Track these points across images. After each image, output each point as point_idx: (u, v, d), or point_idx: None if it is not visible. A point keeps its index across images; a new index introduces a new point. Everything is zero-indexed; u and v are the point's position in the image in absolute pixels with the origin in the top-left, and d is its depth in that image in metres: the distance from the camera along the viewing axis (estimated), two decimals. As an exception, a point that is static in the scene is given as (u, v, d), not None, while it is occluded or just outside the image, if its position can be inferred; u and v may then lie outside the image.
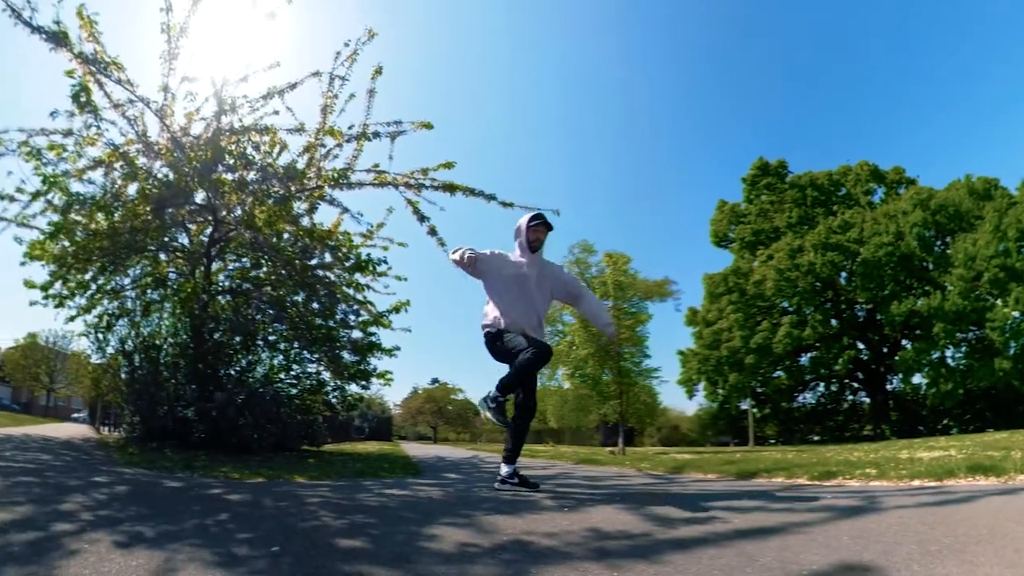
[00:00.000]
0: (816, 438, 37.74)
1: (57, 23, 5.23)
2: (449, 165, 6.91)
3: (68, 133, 6.46)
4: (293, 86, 6.81)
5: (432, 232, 7.00)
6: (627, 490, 4.15)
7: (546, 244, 4.20)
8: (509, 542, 2.09)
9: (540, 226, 4.11)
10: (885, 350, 36.97)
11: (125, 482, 3.72)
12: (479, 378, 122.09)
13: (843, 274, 35.82)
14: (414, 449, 16.08)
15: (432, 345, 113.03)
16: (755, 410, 38.49)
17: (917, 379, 34.28)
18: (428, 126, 6.88)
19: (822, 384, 39.89)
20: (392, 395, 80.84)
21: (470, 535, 2.23)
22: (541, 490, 3.83)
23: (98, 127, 6.36)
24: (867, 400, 38.35)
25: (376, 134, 6.79)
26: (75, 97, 5.79)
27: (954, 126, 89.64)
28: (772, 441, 39.36)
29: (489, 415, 4.01)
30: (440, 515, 2.73)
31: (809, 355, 37.20)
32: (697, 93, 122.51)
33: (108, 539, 1.96)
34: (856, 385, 39.25)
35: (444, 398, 60.54)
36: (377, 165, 6.93)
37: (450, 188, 6.78)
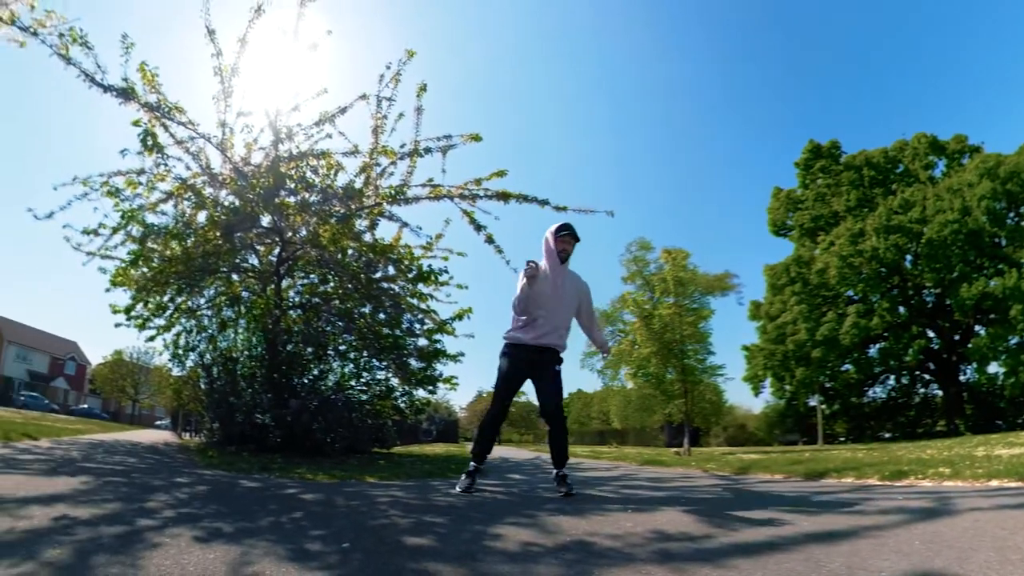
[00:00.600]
0: (887, 435, 34.78)
1: (125, 80, 5.59)
2: (501, 174, 6.90)
3: (140, 172, 6.95)
4: (343, 110, 6.95)
5: (489, 240, 6.99)
6: (692, 492, 4.02)
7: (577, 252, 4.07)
8: (572, 542, 2.05)
9: (567, 237, 3.99)
10: (957, 337, 33.58)
11: (205, 482, 3.86)
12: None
13: (908, 257, 32.73)
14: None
15: (495, 350, 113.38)
16: (823, 406, 36.12)
17: (993, 368, 30.85)
18: (477, 138, 6.90)
19: (892, 377, 36.93)
20: (458, 399, 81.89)
21: (534, 535, 2.20)
22: (603, 491, 3.77)
23: (166, 164, 6.77)
24: (939, 393, 35.18)
25: (427, 150, 6.86)
26: (143, 142, 6.20)
27: (1019, 82, 74.81)
28: (841, 439, 36.74)
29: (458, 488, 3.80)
30: (504, 515, 2.71)
31: (878, 346, 34.32)
32: (740, 80, 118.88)
33: (188, 534, 2.03)
34: (928, 377, 36.12)
35: (507, 400, 60.73)
36: (431, 179, 6.99)
37: (503, 196, 6.75)
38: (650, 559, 1.80)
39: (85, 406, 50.31)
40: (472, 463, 3.97)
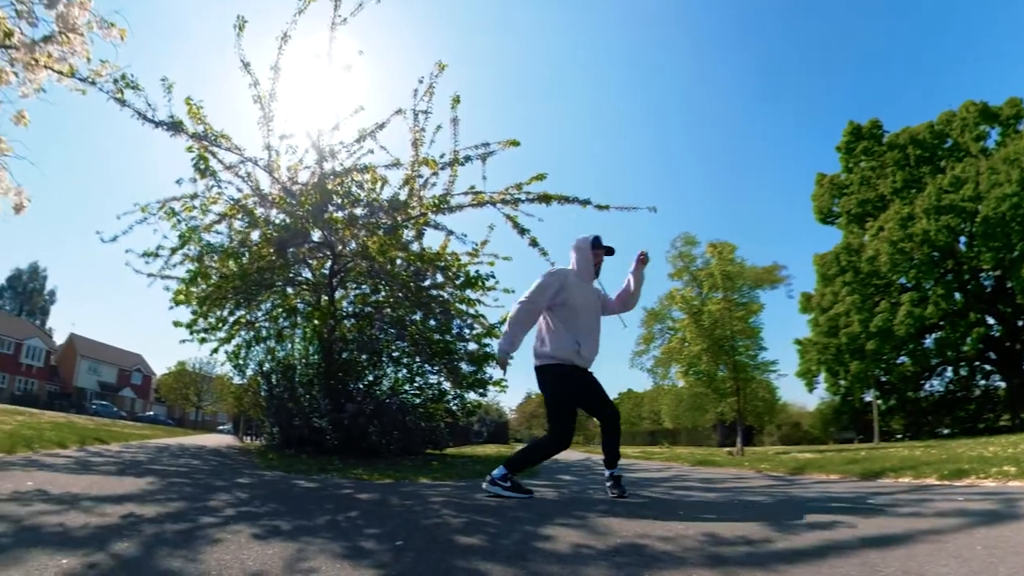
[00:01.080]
0: (946, 431, 32.15)
1: (171, 117, 5.91)
2: (541, 177, 6.88)
3: (194, 196, 7.30)
4: (381, 126, 7.06)
5: (533, 243, 6.96)
6: (745, 493, 3.87)
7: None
8: (623, 545, 1.99)
9: (603, 252, 3.77)
10: (1020, 323, 30.55)
11: (264, 483, 3.95)
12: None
13: (962, 239, 29.90)
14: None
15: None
16: (879, 402, 33.95)
17: (1062, 357, 27.92)
18: (515, 143, 6.89)
19: (950, 369, 33.92)
20: (507, 400, 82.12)
21: (584, 536, 2.15)
22: (654, 493, 3.68)
23: (218, 187, 7.11)
24: (1002, 385, 31.98)
25: (467, 158, 6.89)
26: (196, 166, 6.54)
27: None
28: (899, 436, 34.33)
29: (506, 494, 3.43)
30: (555, 515, 2.67)
31: (934, 336, 31.61)
32: (775, 69, 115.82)
33: (248, 531, 2.08)
34: (988, 368, 32.96)
35: (556, 402, 60.42)
36: (473, 187, 7.03)
37: (545, 199, 6.71)
38: (702, 563, 1.73)
39: (151, 413, 53.44)
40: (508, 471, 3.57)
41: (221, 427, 44.41)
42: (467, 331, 8.96)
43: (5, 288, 69.03)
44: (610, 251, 3.80)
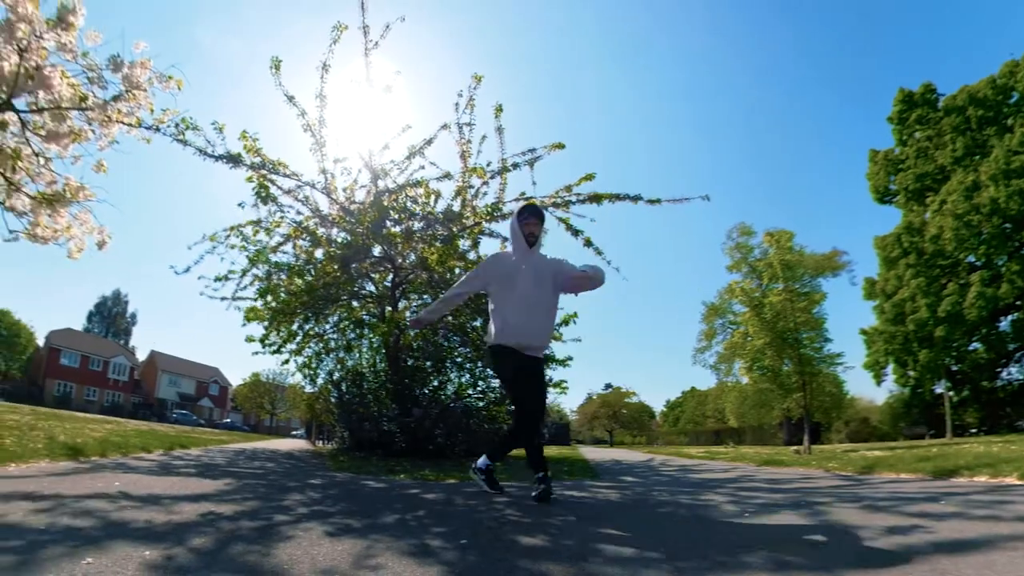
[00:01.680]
0: None
1: (228, 152, 6.24)
2: (590, 177, 6.79)
3: (258, 222, 7.66)
4: (429, 142, 7.15)
5: (588, 244, 6.85)
6: (812, 494, 3.64)
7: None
8: (686, 547, 1.92)
9: (531, 218, 3.53)
10: None
11: (336, 484, 4.02)
12: (652, 380, 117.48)
13: None
14: (591, 453, 15.77)
15: (603, 352, 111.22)
16: (951, 393, 30.03)
17: None
18: (560, 146, 6.84)
19: None
20: (568, 402, 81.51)
21: (647, 538, 2.08)
22: (719, 494, 3.53)
23: (280, 211, 7.43)
24: None
25: (515, 165, 6.90)
26: (258, 194, 6.84)
27: None
28: (973, 430, 30.82)
29: (484, 486, 3.54)
30: (617, 517, 2.61)
31: (1010, 318, 28.06)
32: (817, 46, 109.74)
33: (319, 528, 2.12)
34: None
35: (618, 402, 59.03)
36: (523, 193, 7.02)
37: (595, 199, 6.60)
38: (764, 567, 1.63)
39: (228, 420, 56.96)
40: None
41: (294, 432, 46.38)
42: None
43: (93, 313, 76.57)
44: (537, 213, 3.57)
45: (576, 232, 6.87)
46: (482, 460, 3.61)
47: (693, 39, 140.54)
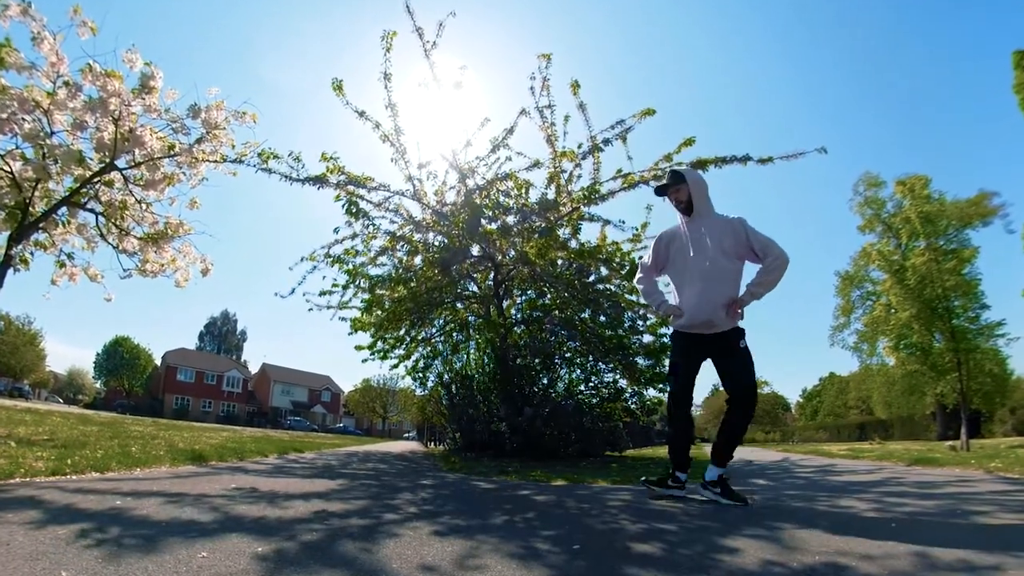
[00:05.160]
0: None
1: (311, 174, 6.60)
2: (690, 142, 6.44)
3: (353, 236, 8.01)
4: (510, 131, 7.11)
5: None
6: (970, 501, 3.18)
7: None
8: (820, 564, 1.73)
9: (670, 187, 3.42)
10: None
11: (446, 484, 4.14)
12: (785, 366, 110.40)
13: None
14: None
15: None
16: None
17: None
18: (650, 112, 6.52)
19: None
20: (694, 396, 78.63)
21: (776, 551, 1.91)
22: (861, 500, 3.19)
23: (373, 224, 7.75)
24: None
25: (606, 141, 6.66)
26: (348, 211, 7.15)
27: None
28: None
29: (723, 500, 3.17)
30: (743, 525, 2.43)
31: None
32: None
33: (428, 528, 2.19)
34: None
35: (748, 393, 56.14)
36: (620, 170, 6.76)
37: (699, 165, 6.21)
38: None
39: (341, 425, 62.42)
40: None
41: (407, 435, 49.33)
42: (640, 323, 8.70)
43: (204, 333, 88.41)
44: (673, 176, 3.44)
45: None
46: (710, 472, 3.32)
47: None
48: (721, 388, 3.40)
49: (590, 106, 6.64)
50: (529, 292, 9.70)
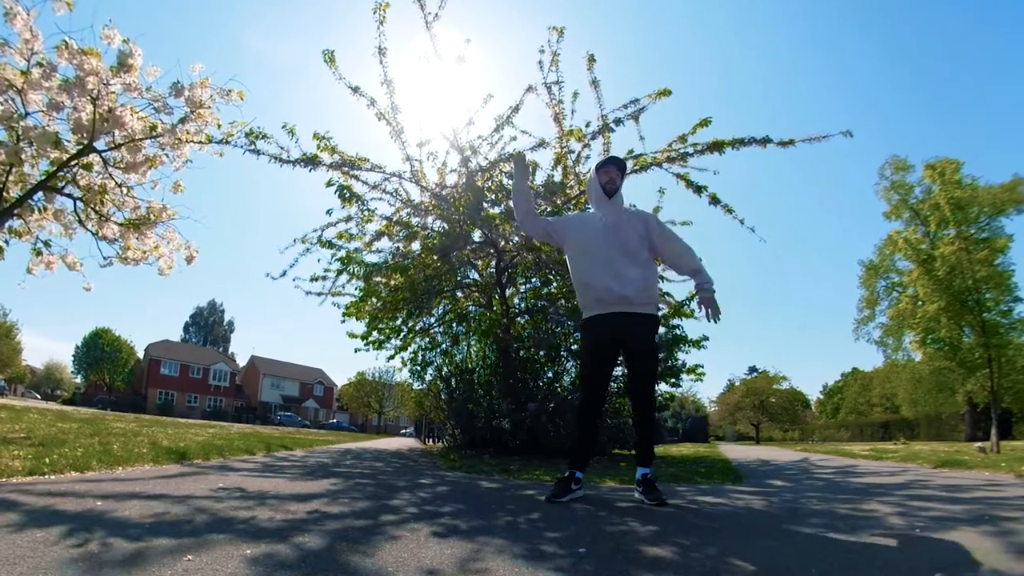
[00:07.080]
0: None
1: (304, 154, 6.57)
2: (706, 123, 6.43)
3: (348, 219, 7.97)
4: (516, 109, 7.04)
5: (714, 200, 6.47)
6: (1000, 507, 3.14)
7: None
8: (839, 570, 1.74)
9: (610, 167, 3.56)
10: None
11: (446, 483, 4.17)
12: (804, 361, 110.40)
13: None
14: (734, 451, 15.01)
15: (746, 330, 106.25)
16: None
17: None
18: (666, 93, 6.47)
19: None
20: (707, 391, 78.04)
21: (792, 557, 1.93)
22: (884, 504, 3.18)
23: (368, 208, 7.69)
24: None
25: (617, 121, 6.61)
26: (341, 196, 7.11)
27: None
28: None
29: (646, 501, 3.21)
30: (760, 529, 2.45)
31: None
32: None
33: (427, 530, 2.21)
34: None
35: (766, 389, 55.37)
36: (631, 151, 6.74)
37: (716, 147, 6.20)
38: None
39: (334, 420, 62.59)
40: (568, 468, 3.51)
41: (404, 431, 49.47)
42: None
43: (189, 324, 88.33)
44: (617, 162, 3.60)
45: (699, 189, 6.51)
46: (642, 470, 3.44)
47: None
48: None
49: (602, 84, 6.61)
50: (534, 280, 9.65)
